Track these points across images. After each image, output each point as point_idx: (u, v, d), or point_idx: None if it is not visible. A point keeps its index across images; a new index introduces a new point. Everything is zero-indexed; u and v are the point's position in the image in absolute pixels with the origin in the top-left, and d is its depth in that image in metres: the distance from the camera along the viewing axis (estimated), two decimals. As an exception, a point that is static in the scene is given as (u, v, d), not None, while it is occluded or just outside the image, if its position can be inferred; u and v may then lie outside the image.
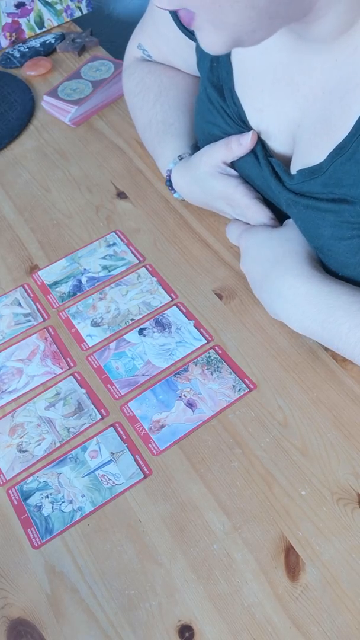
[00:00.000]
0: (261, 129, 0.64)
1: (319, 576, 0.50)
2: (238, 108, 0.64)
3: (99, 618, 0.50)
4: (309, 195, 0.59)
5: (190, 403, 0.60)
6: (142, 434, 0.59)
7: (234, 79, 0.64)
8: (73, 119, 0.93)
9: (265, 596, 0.49)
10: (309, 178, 0.58)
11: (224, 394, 0.61)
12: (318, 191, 0.57)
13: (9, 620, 0.50)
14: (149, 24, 0.80)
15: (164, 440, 0.58)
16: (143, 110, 0.80)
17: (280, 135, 0.62)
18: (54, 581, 0.52)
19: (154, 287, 0.71)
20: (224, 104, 0.66)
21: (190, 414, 0.60)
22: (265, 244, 0.64)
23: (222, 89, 0.65)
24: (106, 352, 0.66)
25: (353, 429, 0.57)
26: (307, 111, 0.58)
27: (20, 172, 0.87)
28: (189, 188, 0.73)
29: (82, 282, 0.72)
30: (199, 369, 0.63)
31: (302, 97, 0.58)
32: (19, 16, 1.08)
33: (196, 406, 0.60)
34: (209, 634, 0.48)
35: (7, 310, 0.71)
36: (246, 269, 0.66)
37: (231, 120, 0.66)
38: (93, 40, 1.08)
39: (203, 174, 0.69)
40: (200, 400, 0.60)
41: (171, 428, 0.59)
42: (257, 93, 0.62)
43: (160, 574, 0.51)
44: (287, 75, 0.58)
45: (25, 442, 0.60)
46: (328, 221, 0.58)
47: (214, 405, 0.60)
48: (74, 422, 0.61)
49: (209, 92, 0.67)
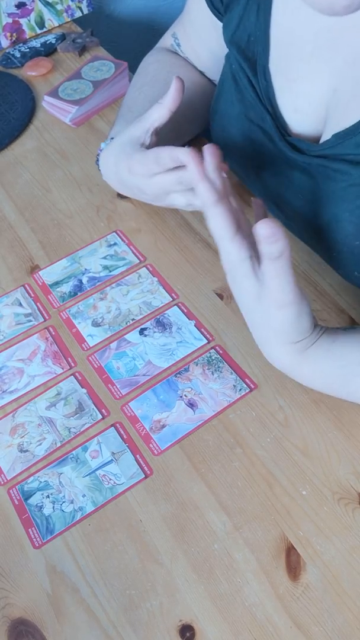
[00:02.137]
0: (290, 102, 0.63)
1: (320, 576, 0.50)
2: (268, 84, 0.64)
3: (99, 618, 0.50)
4: (340, 158, 0.58)
5: (191, 403, 0.60)
6: (143, 433, 0.59)
7: (270, 55, 0.64)
8: (74, 119, 0.93)
9: (266, 596, 0.49)
10: (343, 140, 0.57)
11: (225, 394, 0.61)
12: (351, 152, 0.56)
13: (9, 620, 0.50)
14: (184, 13, 0.82)
15: (164, 440, 0.58)
16: (129, 92, 0.81)
17: (310, 107, 0.62)
18: (55, 581, 0.52)
19: (155, 287, 0.71)
20: (254, 79, 0.65)
21: (191, 414, 0.60)
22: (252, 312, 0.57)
23: (255, 64, 0.65)
24: (107, 352, 0.66)
25: (354, 428, 0.57)
26: (345, 75, 0.57)
27: (20, 172, 0.87)
28: (105, 160, 0.72)
29: (83, 282, 0.72)
30: (199, 369, 0.63)
31: (342, 60, 0.57)
32: (19, 16, 1.08)
33: (197, 406, 0.60)
34: (210, 633, 0.48)
35: (7, 310, 0.71)
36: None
37: (257, 97, 0.65)
38: (94, 41, 1.08)
39: (125, 139, 0.67)
40: (201, 400, 0.60)
41: (172, 428, 0.59)
42: (293, 64, 0.62)
43: (161, 574, 0.51)
44: (329, 40, 0.58)
45: (26, 442, 0.60)
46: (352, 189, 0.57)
47: (214, 405, 0.60)
48: (75, 422, 0.61)
49: (239, 67, 0.66)
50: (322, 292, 0.68)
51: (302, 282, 0.69)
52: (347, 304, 0.67)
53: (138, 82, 0.81)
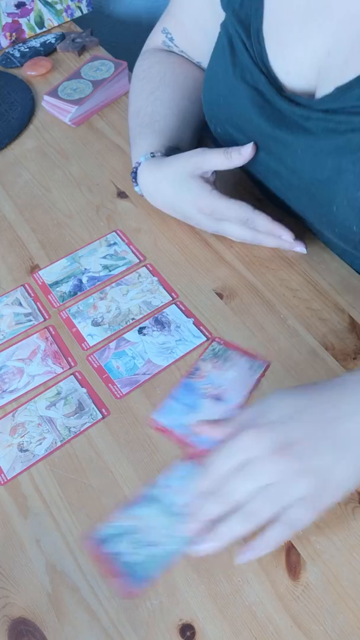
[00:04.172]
0: (282, 66, 0.63)
1: (320, 575, 0.50)
2: (261, 47, 0.64)
3: (100, 617, 0.50)
4: (343, 111, 0.58)
5: (216, 397, 0.60)
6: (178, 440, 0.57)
7: (264, 17, 0.64)
8: (73, 118, 0.93)
9: (266, 595, 0.49)
10: (345, 93, 0.57)
11: (245, 377, 0.61)
12: (353, 104, 0.57)
13: (10, 620, 0.50)
14: (171, 6, 0.82)
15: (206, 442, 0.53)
16: (138, 98, 0.81)
17: (302, 70, 0.62)
18: (55, 580, 0.52)
19: (155, 287, 0.71)
20: (248, 41, 0.66)
21: (224, 406, 0.59)
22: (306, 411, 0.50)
23: (249, 27, 0.66)
24: (106, 352, 0.65)
25: (354, 428, 0.57)
26: (340, 36, 0.58)
27: (20, 172, 0.87)
28: (156, 186, 0.73)
29: (83, 281, 0.72)
30: (208, 365, 0.63)
31: (335, 22, 0.58)
32: (19, 16, 1.08)
33: (223, 398, 0.60)
34: (210, 633, 0.48)
35: (7, 310, 0.71)
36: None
37: (251, 60, 0.66)
38: (93, 40, 1.08)
39: (183, 173, 0.69)
40: (225, 391, 0.60)
41: None
42: (285, 27, 0.62)
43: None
44: (322, 2, 0.58)
45: (26, 442, 0.60)
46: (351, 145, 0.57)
47: (241, 389, 0.60)
48: (75, 421, 0.61)
49: (235, 31, 0.67)
50: (322, 291, 0.68)
51: (302, 281, 0.69)
52: (347, 303, 0.67)
53: (146, 88, 0.81)
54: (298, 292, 0.68)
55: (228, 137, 0.71)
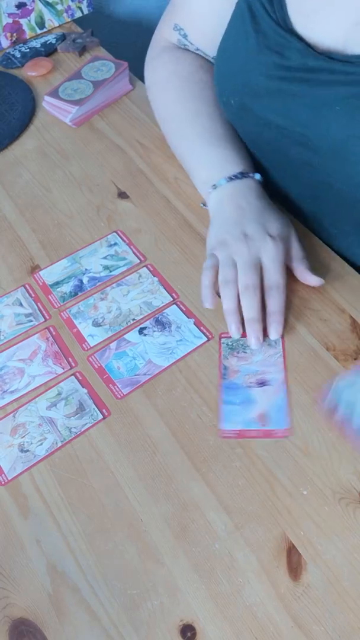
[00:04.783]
0: (307, 33, 0.63)
1: (321, 576, 0.50)
2: (284, 12, 0.64)
3: (100, 617, 0.50)
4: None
5: (260, 382, 0.61)
6: (261, 434, 0.58)
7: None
8: (74, 119, 0.93)
9: (267, 596, 0.49)
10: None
11: (272, 354, 0.62)
12: None
13: (11, 620, 0.50)
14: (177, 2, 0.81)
15: (281, 420, 0.58)
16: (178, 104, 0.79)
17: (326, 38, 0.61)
18: (56, 580, 0.52)
19: (155, 287, 0.71)
20: (270, 7, 0.65)
21: (271, 389, 0.60)
22: None
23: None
24: (107, 352, 0.66)
25: (354, 428, 0.57)
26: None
27: (21, 172, 0.87)
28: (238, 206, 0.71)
29: (83, 282, 0.72)
30: (234, 359, 0.63)
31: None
32: (19, 16, 1.08)
33: (267, 381, 0.61)
34: (211, 633, 0.48)
35: (8, 310, 0.71)
36: None
37: (275, 24, 0.65)
38: (94, 41, 1.08)
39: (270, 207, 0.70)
40: (264, 374, 0.61)
41: (273, 408, 0.59)
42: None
43: (162, 574, 0.51)
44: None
45: (26, 442, 0.60)
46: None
47: (277, 367, 0.62)
48: (76, 422, 0.61)
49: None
50: (322, 291, 0.68)
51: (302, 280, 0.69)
52: (347, 303, 0.67)
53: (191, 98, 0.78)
54: (298, 292, 0.68)
55: (242, 108, 0.70)
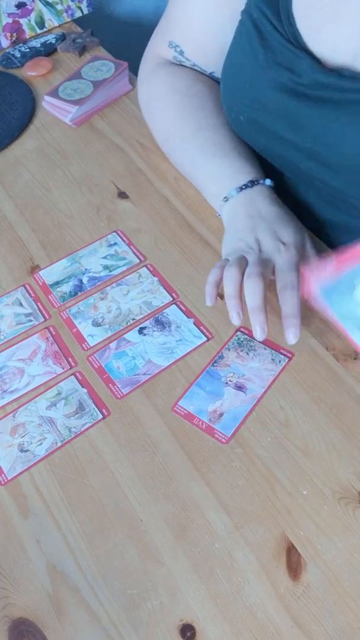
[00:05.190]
0: (317, 49, 0.62)
1: (321, 575, 0.50)
2: (293, 28, 0.63)
3: (100, 617, 0.50)
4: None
5: (238, 386, 0.61)
6: (204, 427, 0.59)
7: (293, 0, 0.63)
8: (74, 119, 0.93)
9: (266, 595, 0.49)
10: None
11: (267, 369, 0.62)
12: None
13: (10, 620, 0.50)
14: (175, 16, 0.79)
15: (228, 427, 0.59)
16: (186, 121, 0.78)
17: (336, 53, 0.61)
18: (56, 581, 0.52)
19: (155, 287, 0.71)
20: (278, 23, 0.64)
21: (243, 396, 0.60)
22: None
23: (278, 7, 0.64)
24: (107, 352, 0.66)
25: (354, 428, 0.57)
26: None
27: (21, 172, 0.87)
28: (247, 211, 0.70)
29: (83, 282, 0.72)
30: (233, 353, 0.63)
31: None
32: (19, 16, 1.08)
33: (245, 387, 0.61)
34: (211, 633, 0.48)
35: (8, 310, 0.71)
36: None
37: (285, 40, 0.64)
38: (94, 41, 1.08)
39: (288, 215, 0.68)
40: (247, 381, 0.61)
41: (230, 414, 0.59)
42: (315, 11, 0.61)
43: (161, 574, 0.51)
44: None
45: (26, 442, 0.60)
46: None
47: (262, 381, 0.61)
48: (75, 421, 0.61)
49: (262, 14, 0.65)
50: (322, 291, 0.68)
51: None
52: (347, 303, 0.67)
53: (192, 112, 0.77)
54: (298, 292, 0.68)
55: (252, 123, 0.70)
